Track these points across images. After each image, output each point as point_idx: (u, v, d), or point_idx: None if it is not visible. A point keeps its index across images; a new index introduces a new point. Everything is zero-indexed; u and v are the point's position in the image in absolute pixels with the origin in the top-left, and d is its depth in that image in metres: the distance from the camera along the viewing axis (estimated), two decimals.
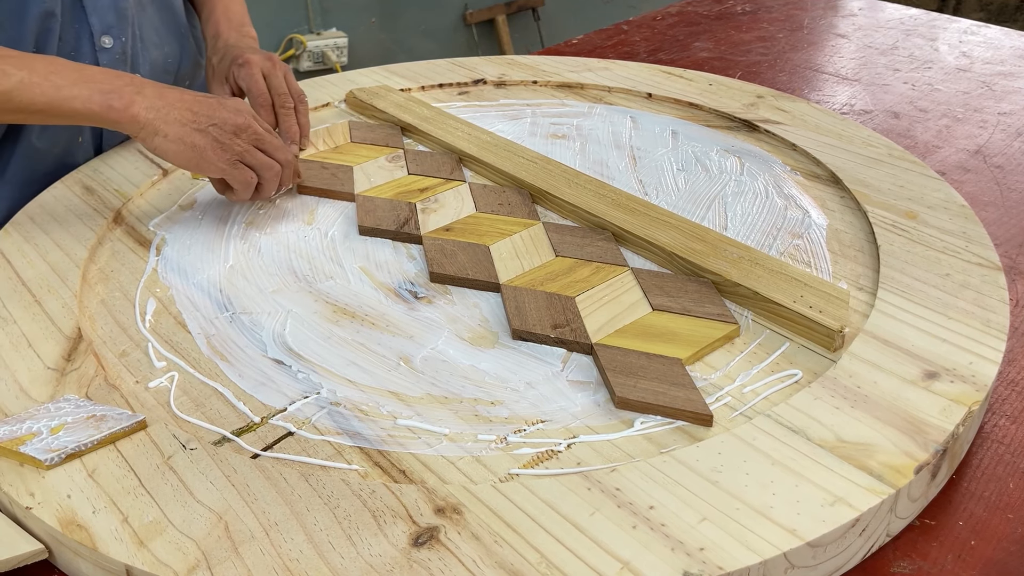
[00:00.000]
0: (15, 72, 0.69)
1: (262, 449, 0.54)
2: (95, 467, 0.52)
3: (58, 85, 0.70)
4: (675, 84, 1.02)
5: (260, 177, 0.74)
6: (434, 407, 0.57)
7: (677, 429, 0.54)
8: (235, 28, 0.92)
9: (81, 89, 0.70)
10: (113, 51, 0.88)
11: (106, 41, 0.87)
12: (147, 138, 0.71)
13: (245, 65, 0.85)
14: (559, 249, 0.71)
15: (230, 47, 0.88)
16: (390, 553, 0.45)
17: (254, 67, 0.85)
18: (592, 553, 0.45)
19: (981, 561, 0.49)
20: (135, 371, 0.61)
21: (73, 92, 0.70)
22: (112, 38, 0.88)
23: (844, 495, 0.47)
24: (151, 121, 0.70)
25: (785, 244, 0.72)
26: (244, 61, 0.85)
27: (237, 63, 0.85)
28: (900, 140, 0.95)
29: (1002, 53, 1.18)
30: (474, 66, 1.10)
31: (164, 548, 0.46)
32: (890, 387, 0.54)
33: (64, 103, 0.70)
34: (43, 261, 0.72)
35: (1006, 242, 0.76)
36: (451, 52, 2.95)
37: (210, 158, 0.71)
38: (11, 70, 0.69)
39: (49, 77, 0.70)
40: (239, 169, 0.72)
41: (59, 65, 0.71)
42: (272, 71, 0.85)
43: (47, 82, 0.70)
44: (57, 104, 0.70)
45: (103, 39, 0.87)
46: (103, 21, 0.87)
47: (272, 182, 0.75)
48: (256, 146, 0.73)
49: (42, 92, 0.69)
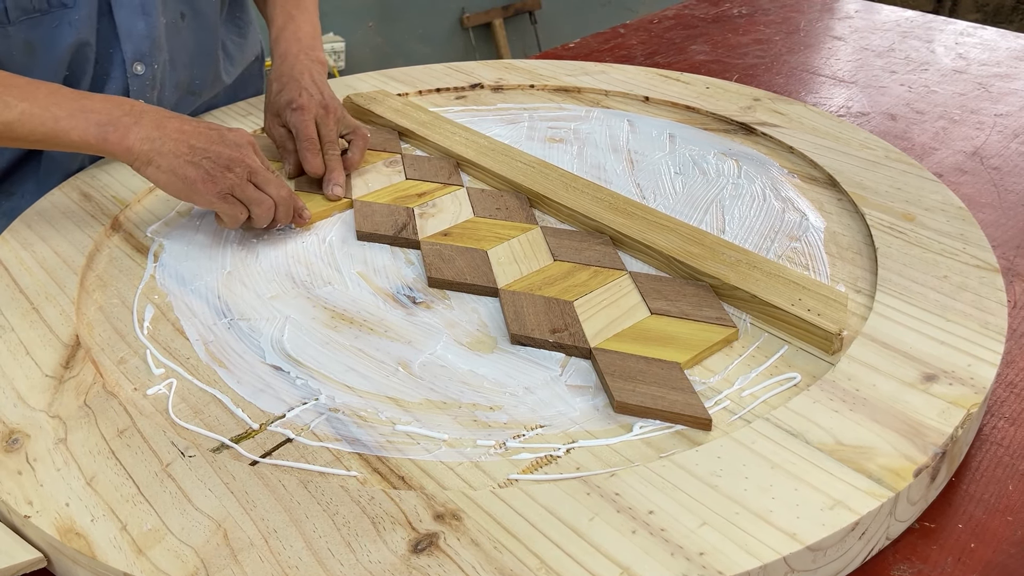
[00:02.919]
0: (17, 103, 0.71)
1: (261, 456, 0.54)
2: (93, 475, 0.52)
3: (57, 116, 0.71)
4: (672, 87, 1.02)
5: (251, 212, 0.74)
6: (433, 412, 0.57)
7: (676, 433, 0.54)
8: (304, 51, 0.90)
9: (78, 121, 0.72)
10: (144, 77, 0.89)
11: (138, 68, 0.89)
12: (140, 167, 0.73)
13: (298, 111, 0.84)
14: (557, 253, 0.71)
15: (292, 79, 0.87)
16: (390, 560, 0.45)
17: (307, 114, 0.84)
18: (592, 558, 0.45)
19: (981, 564, 0.49)
20: (133, 378, 0.61)
21: (71, 124, 0.72)
22: (144, 65, 0.89)
23: (843, 498, 0.47)
24: (145, 152, 0.72)
25: (783, 247, 0.72)
26: (298, 107, 0.84)
27: (291, 107, 0.85)
28: (897, 142, 0.95)
29: (998, 55, 1.18)
30: (471, 70, 1.10)
31: (163, 556, 0.46)
32: (889, 390, 0.54)
33: (62, 134, 0.72)
34: (41, 268, 0.72)
35: (1003, 244, 0.77)
36: (448, 56, 2.95)
37: (200, 190, 0.72)
38: (13, 101, 0.71)
39: (49, 108, 0.72)
40: (228, 202, 0.72)
41: (60, 95, 0.73)
42: (324, 119, 0.85)
43: (47, 113, 0.71)
44: (55, 135, 0.72)
45: (135, 66, 0.88)
46: (136, 49, 0.88)
47: (263, 217, 0.74)
48: (250, 180, 0.73)
49: (41, 123, 0.71)
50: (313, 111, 0.84)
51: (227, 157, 0.72)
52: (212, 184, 0.72)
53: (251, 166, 0.73)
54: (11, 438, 0.55)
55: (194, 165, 0.72)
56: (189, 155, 0.72)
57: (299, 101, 0.85)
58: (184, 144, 0.72)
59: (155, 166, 0.72)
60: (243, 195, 0.73)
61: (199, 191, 0.72)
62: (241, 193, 0.73)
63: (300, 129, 0.83)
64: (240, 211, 0.73)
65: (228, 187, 0.72)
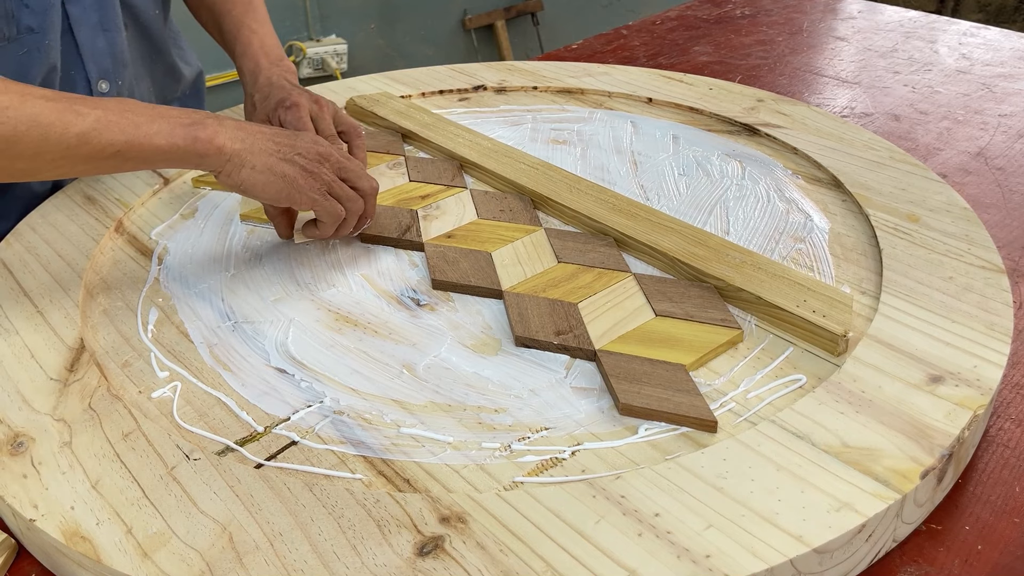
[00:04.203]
0: (90, 111, 0.63)
1: (266, 459, 0.54)
2: (99, 478, 0.51)
3: (136, 122, 0.64)
4: (675, 88, 1.02)
5: (346, 210, 0.70)
6: (438, 415, 0.57)
7: (682, 435, 0.54)
8: (274, 62, 0.88)
9: (161, 124, 0.65)
10: (109, 95, 0.87)
11: (103, 86, 0.87)
12: (233, 171, 0.66)
13: (292, 108, 0.81)
14: (561, 255, 0.71)
15: (273, 85, 0.84)
16: (395, 563, 0.45)
17: (302, 110, 0.80)
18: (598, 561, 0.45)
19: (988, 566, 0.49)
20: (138, 381, 0.61)
21: (154, 128, 0.64)
22: (108, 82, 0.87)
23: (850, 501, 0.47)
24: (238, 152, 0.66)
25: (787, 248, 0.72)
26: (291, 104, 0.81)
27: (284, 105, 0.81)
28: (901, 143, 0.95)
29: (1002, 55, 1.18)
30: (474, 72, 1.10)
31: (168, 559, 0.46)
32: (895, 391, 0.54)
33: (145, 140, 0.64)
34: (45, 271, 0.72)
35: (1009, 244, 0.76)
36: (450, 58, 2.95)
37: (302, 187, 0.67)
38: (85, 110, 0.63)
39: (125, 115, 0.64)
40: (329, 200, 0.68)
41: (131, 103, 0.66)
42: (320, 114, 0.82)
43: (124, 119, 0.64)
44: (137, 142, 0.64)
45: (100, 84, 0.87)
46: (100, 67, 0.86)
47: (354, 218, 0.71)
48: (340, 176, 0.70)
49: (121, 130, 0.64)
50: (307, 107, 0.82)
51: (316, 152, 0.69)
52: (312, 180, 0.67)
53: (339, 160, 0.70)
54: (16, 441, 0.55)
55: (289, 162, 0.67)
56: (280, 152, 0.67)
57: (292, 99, 0.82)
58: (271, 142, 0.67)
59: (250, 167, 0.66)
60: (340, 192, 0.69)
61: (301, 188, 0.67)
62: (338, 190, 0.69)
63: (297, 127, 0.80)
64: (340, 209, 0.69)
65: (327, 182, 0.68)
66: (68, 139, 0.62)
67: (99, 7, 0.84)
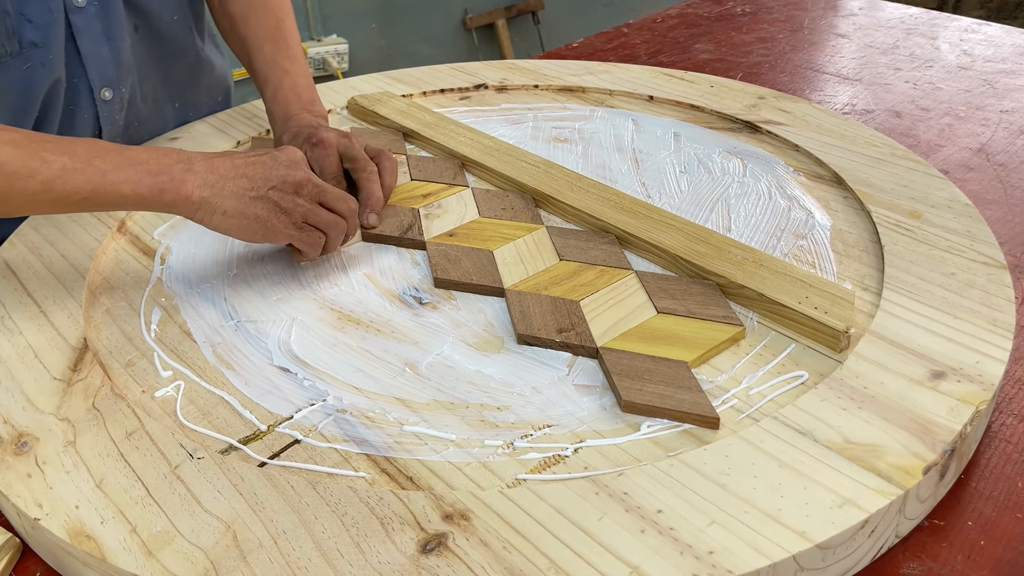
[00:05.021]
0: (56, 159, 0.62)
1: (269, 457, 0.54)
2: (103, 477, 0.52)
3: (103, 170, 0.63)
4: (676, 86, 1.02)
5: (326, 235, 0.70)
6: (440, 413, 0.57)
7: (684, 432, 0.54)
8: (305, 107, 0.85)
9: (128, 173, 0.64)
10: (112, 102, 0.87)
11: (106, 94, 0.86)
12: (205, 217, 0.66)
13: (319, 144, 0.78)
14: (563, 253, 0.71)
15: (303, 127, 0.82)
16: (399, 560, 0.45)
17: (329, 147, 0.78)
18: (601, 558, 0.45)
19: (991, 561, 0.49)
20: (141, 380, 0.61)
21: (120, 176, 0.63)
22: (112, 90, 0.86)
23: (853, 496, 0.47)
24: (206, 199, 0.65)
25: (789, 245, 0.72)
26: (319, 140, 0.78)
27: (311, 142, 0.78)
28: (902, 139, 0.95)
29: (1003, 51, 1.18)
30: (475, 71, 1.10)
31: (173, 558, 0.46)
32: (897, 387, 0.54)
33: (111, 188, 0.63)
34: (48, 272, 0.72)
35: (1011, 240, 0.76)
36: (451, 57, 2.95)
37: (276, 225, 0.67)
38: (51, 157, 0.62)
39: (92, 162, 0.63)
40: (306, 232, 0.68)
41: (100, 148, 0.65)
42: (349, 144, 0.79)
43: (91, 167, 0.63)
44: (103, 190, 0.63)
45: (103, 92, 0.86)
46: (103, 75, 0.85)
47: (338, 239, 0.71)
48: (319, 201, 0.69)
49: (87, 179, 0.63)
50: (335, 142, 0.79)
51: (293, 181, 0.68)
52: (286, 216, 0.67)
53: (317, 184, 0.69)
54: (20, 441, 0.55)
55: (261, 200, 0.66)
56: (252, 190, 0.66)
57: (319, 136, 0.78)
58: (243, 179, 0.66)
59: (220, 212, 0.65)
60: (318, 220, 0.69)
61: (275, 227, 0.67)
62: (316, 218, 0.69)
63: (324, 165, 0.77)
64: (318, 237, 0.69)
65: (302, 215, 0.68)
66: (33, 187, 0.62)
67: (103, 16, 0.83)
